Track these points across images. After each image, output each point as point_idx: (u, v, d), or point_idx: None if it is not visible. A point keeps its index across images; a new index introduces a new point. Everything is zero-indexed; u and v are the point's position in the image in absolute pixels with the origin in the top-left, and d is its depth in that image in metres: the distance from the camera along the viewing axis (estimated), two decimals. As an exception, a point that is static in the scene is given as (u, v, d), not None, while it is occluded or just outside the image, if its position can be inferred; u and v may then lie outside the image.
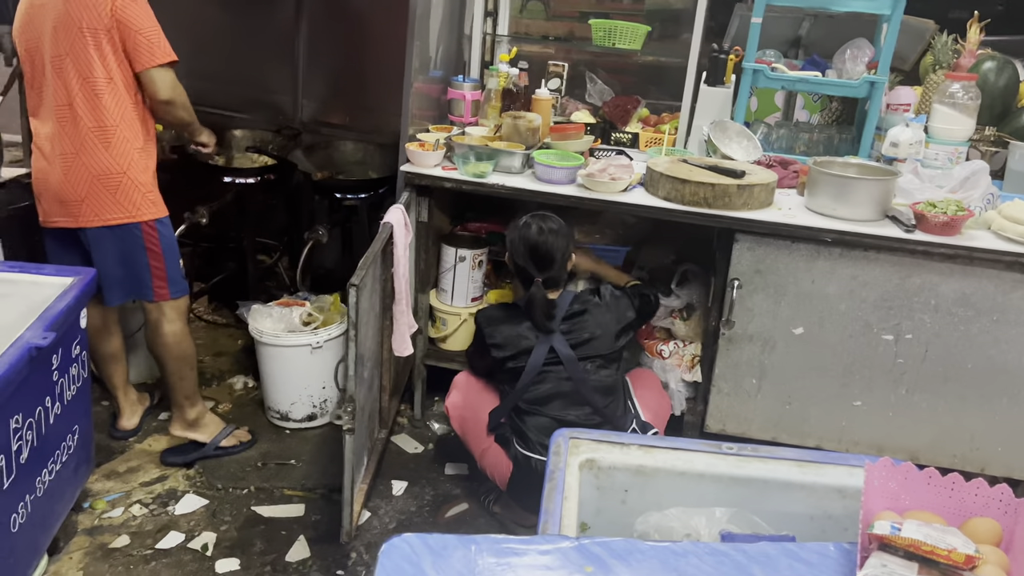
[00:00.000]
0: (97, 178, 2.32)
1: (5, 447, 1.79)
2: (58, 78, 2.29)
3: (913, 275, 2.33)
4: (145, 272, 2.46)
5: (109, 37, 2.24)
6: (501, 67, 2.96)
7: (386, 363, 2.65)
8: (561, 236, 2.36)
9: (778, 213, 2.42)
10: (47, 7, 2.26)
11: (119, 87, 2.30)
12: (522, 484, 2.30)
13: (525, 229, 2.36)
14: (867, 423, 2.50)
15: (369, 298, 2.25)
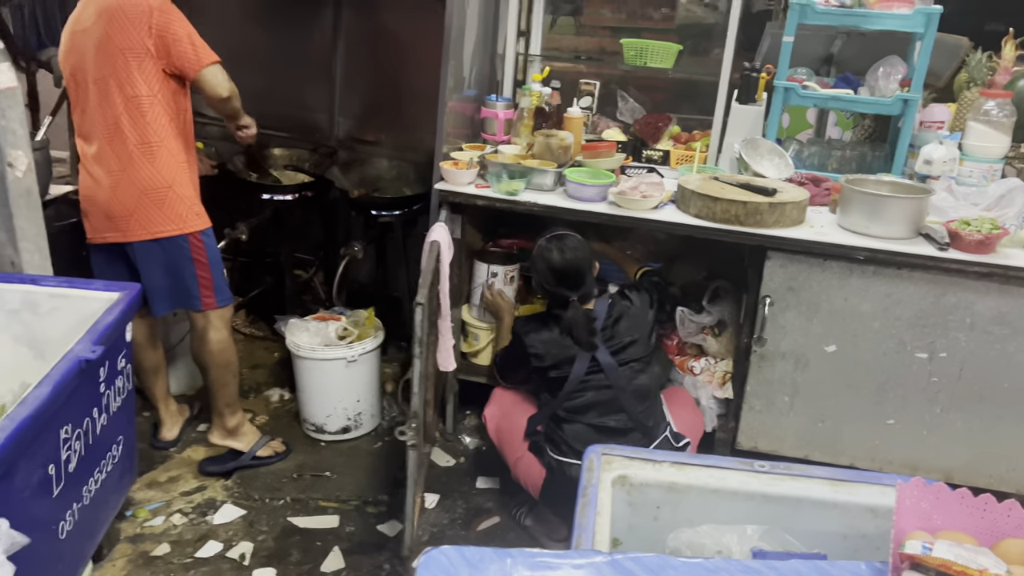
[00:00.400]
0: (144, 192, 2.41)
1: (55, 456, 1.86)
2: (103, 98, 2.38)
3: (948, 293, 2.32)
4: (192, 282, 2.53)
5: (150, 55, 2.32)
6: (534, 86, 3.00)
7: (430, 378, 2.69)
8: (581, 252, 2.39)
9: (810, 231, 2.42)
10: (89, 31, 2.35)
11: (161, 104, 2.39)
12: (555, 490, 2.32)
13: (547, 254, 2.38)
14: (901, 442, 2.49)
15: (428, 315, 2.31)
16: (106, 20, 2.30)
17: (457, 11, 2.64)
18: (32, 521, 1.74)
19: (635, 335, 2.39)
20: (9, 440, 1.60)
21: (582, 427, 2.33)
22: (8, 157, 2.23)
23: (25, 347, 2.24)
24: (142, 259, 2.49)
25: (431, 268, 2.34)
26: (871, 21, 2.65)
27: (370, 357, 2.90)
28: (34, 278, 2.28)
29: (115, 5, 2.30)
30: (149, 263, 2.49)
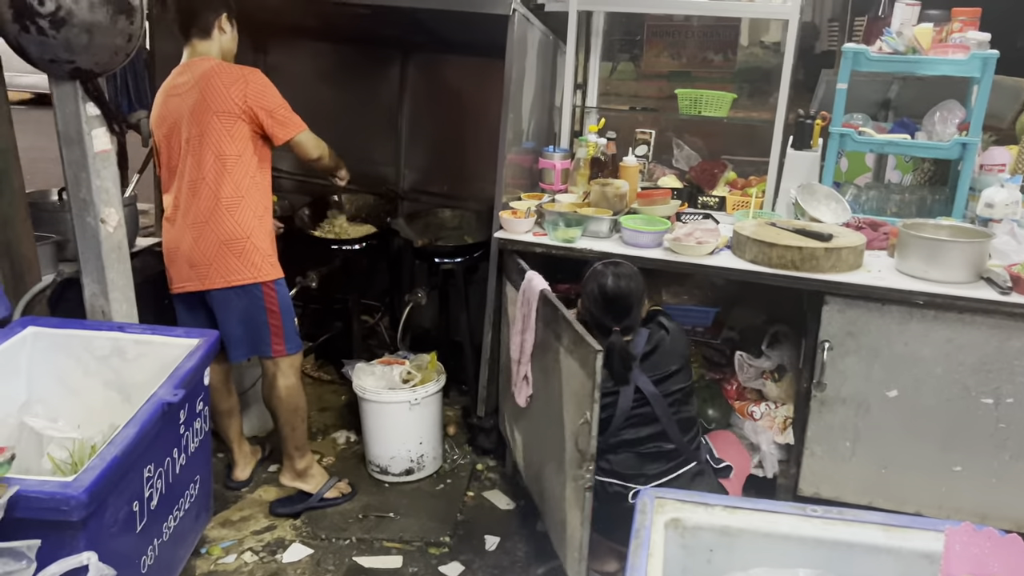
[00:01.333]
0: (224, 243, 2.57)
1: (139, 494, 1.98)
2: (193, 156, 2.57)
3: (1012, 338, 2.29)
4: (264, 330, 2.67)
5: (241, 120, 2.52)
6: (590, 137, 3.09)
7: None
8: (635, 282, 2.37)
9: (868, 275, 2.42)
10: (185, 96, 2.55)
11: (247, 163, 2.57)
12: (604, 515, 2.32)
13: (601, 278, 2.36)
14: (969, 489, 2.44)
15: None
16: (203, 86, 2.50)
17: (516, 66, 2.77)
18: (118, 555, 1.86)
19: (676, 364, 2.38)
20: (100, 478, 1.72)
21: (631, 455, 2.34)
22: (101, 214, 2.42)
23: (114, 391, 2.40)
24: (219, 306, 2.64)
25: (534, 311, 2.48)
26: (925, 67, 2.67)
27: (432, 400, 2.99)
28: (121, 326, 2.44)
29: (211, 72, 2.51)
30: (226, 310, 2.64)
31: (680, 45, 3.63)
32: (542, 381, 2.49)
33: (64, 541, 1.71)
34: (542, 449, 2.51)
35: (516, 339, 2.61)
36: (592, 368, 2.05)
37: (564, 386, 2.29)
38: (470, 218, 3.54)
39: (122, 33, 2.25)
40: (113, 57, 2.30)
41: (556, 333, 2.33)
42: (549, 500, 2.47)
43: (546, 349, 2.43)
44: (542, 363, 2.48)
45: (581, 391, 2.14)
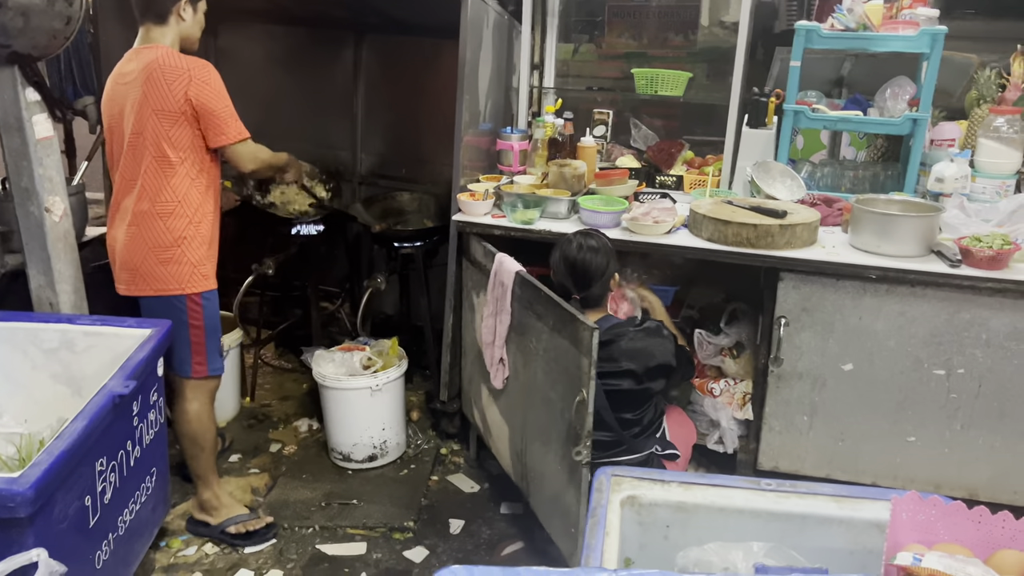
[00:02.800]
0: (152, 249, 2.39)
1: (91, 488, 1.94)
2: (132, 153, 2.39)
3: (962, 310, 2.33)
4: (184, 346, 2.49)
5: (183, 119, 2.33)
6: (547, 118, 3.08)
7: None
8: (601, 254, 2.33)
9: (822, 251, 2.45)
10: (129, 85, 2.37)
11: (187, 166, 2.38)
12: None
13: (566, 245, 2.36)
14: (922, 459, 2.49)
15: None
16: (144, 79, 2.30)
17: (471, 47, 2.74)
18: (69, 551, 1.82)
19: (632, 366, 2.27)
20: (48, 473, 1.68)
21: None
22: (45, 203, 2.35)
23: (63, 385, 2.34)
24: (146, 315, 2.47)
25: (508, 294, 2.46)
26: (876, 44, 2.69)
27: (394, 386, 2.97)
28: (70, 317, 2.38)
29: (155, 65, 2.29)
30: (151, 320, 2.45)
31: (641, 26, 3.61)
32: (521, 362, 2.48)
33: (12, 538, 1.67)
34: (524, 429, 2.51)
35: (489, 322, 2.60)
36: (587, 346, 2.05)
37: (551, 365, 2.29)
38: (429, 201, 3.52)
39: (60, 16, 2.18)
40: (51, 41, 2.23)
41: (538, 313, 2.33)
42: (536, 479, 2.48)
43: (525, 330, 2.42)
44: (520, 345, 2.47)
45: (574, 369, 2.14)
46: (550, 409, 2.30)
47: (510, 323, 2.50)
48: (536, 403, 2.40)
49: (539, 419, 2.39)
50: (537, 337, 2.35)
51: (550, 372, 2.29)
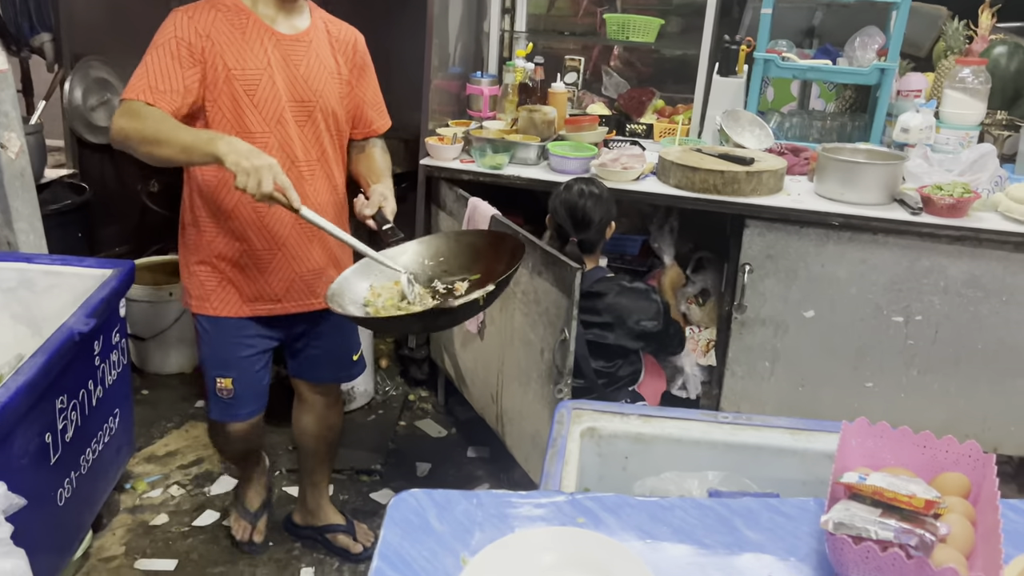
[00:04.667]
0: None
1: (51, 425, 1.93)
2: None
3: (922, 258, 2.37)
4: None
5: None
6: (518, 62, 3.05)
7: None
8: (602, 202, 2.31)
9: (787, 198, 2.47)
10: None
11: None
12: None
13: (567, 192, 2.33)
14: (879, 404, 2.55)
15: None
16: None
17: (440, -11, 2.69)
18: (30, 487, 1.80)
19: (613, 320, 2.28)
20: (5, 407, 1.67)
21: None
22: (1, 139, 2.29)
23: (23, 325, 2.31)
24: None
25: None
26: (847, -9, 2.68)
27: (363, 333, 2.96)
28: (29, 257, 2.34)
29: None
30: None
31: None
32: (497, 306, 2.49)
33: (-30, 472, 1.66)
34: (502, 371, 2.52)
35: None
36: (570, 286, 2.07)
37: (531, 307, 2.30)
38: (397, 147, 3.46)
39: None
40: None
41: None
42: (513, 419, 2.50)
43: None
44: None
45: (555, 310, 2.15)
46: (530, 350, 2.32)
47: None
48: (515, 345, 2.42)
49: (518, 360, 2.40)
50: (515, 280, 2.35)
51: (530, 314, 2.31)
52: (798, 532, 1.15)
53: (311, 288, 2.00)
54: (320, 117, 1.88)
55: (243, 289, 1.96)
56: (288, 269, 1.95)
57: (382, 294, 1.65)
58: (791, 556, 1.10)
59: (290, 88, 1.82)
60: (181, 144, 1.60)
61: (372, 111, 2.05)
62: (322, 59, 1.87)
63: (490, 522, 1.15)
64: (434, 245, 1.75)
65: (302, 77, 1.83)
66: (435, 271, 1.72)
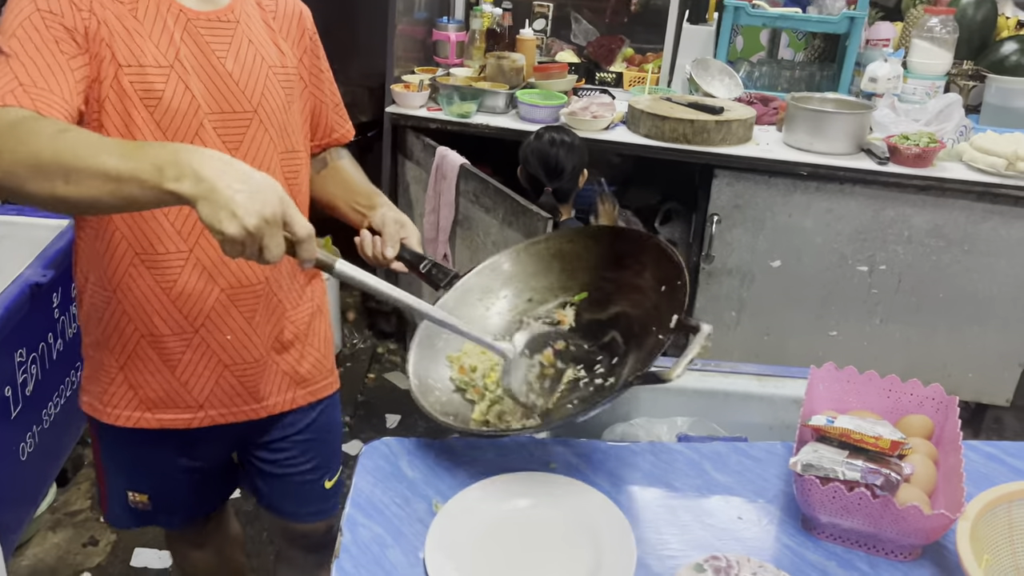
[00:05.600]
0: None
1: (10, 379, 1.88)
2: None
3: (887, 207, 2.40)
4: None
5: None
6: (485, 7, 2.98)
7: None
8: (574, 150, 2.28)
9: (756, 148, 2.47)
10: None
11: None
12: None
13: (537, 140, 2.30)
14: (843, 353, 2.59)
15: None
16: None
17: (404, -70, 2.60)
18: (-9, 440, 1.78)
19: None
20: (-39, 359, 1.62)
21: None
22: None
23: (-24, 276, 2.24)
24: None
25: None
26: (819, -62, 2.65)
27: (329, 285, 2.93)
28: (-19, 206, 2.26)
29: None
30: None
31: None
32: (467, 257, 2.47)
33: (-74, 426, 1.62)
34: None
35: (430, 218, 2.57)
36: (541, 235, 2.03)
37: None
38: (362, 95, 3.40)
39: None
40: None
41: (486, 206, 2.30)
42: None
43: (471, 224, 2.40)
44: (467, 239, 2.45)
45: None
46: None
47: (454, 218, 2.47)
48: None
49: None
50: (485, 231, 2.33)
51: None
52: (766, 475, 1.17)
53: (252, 389, 1.30)
54: (262, 134, 1.19)
55: (143, 390, 1.25)
56: (212, 362, 1.25)
57: (477, 367, 1.23)
58: (759, 498, 1.12)
59: (212, 93, 1.13)
60: (106, 171, 0.87)
61: (333, 113, 1.38)
62: (258, 46, 1.18)
63: (462, 468, 1.15)
64: (501, 270, 1.28)
65: (229, 75, 1.15)
66: (516, 305, 1.26)
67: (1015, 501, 0.99)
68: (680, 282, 1.08)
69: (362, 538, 1.02)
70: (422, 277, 1.26)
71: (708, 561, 0.98)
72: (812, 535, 1.06)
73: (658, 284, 1.11)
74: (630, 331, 1.14)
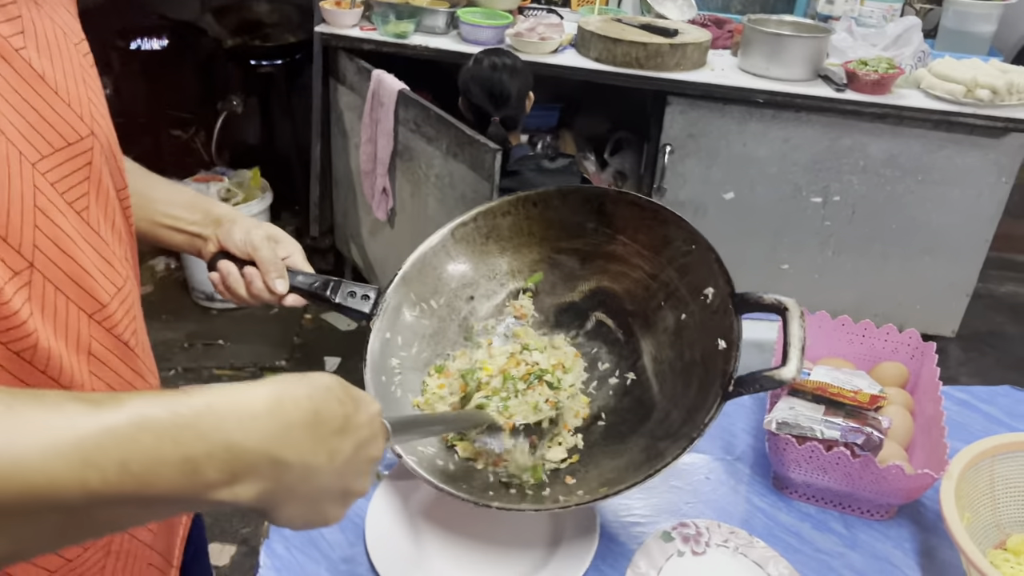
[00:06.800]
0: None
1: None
2: None
3: (843, 136, 2.32)
4: None
5: None
6: (422, -82, 2.74)
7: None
8: (518, 73, 2.09)
9: (711, 74, 2.35)
10: None
11: None
12: None
13: (477, 67, 2.10)
14: (795, 286, 2.54)
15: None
16: None
17: None
18: None
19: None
20: None
21: None
22: None
23: None
24: None
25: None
26: None
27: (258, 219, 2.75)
28: None
29: None
30: None
31: None
32: (408, 191, 2.31)
33: None
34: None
35: (367, 149, 2.38)
36: (489, 169, 1.90)
37: (446, 192, 2.12)
38: (291, 12, 3.13)
39: None
40: None
41: (428, 136, 2.13)
42: None
43: (412, 156, 2.23)
44: (407, 172, 2.28)
45: (472, 195, 1.99)
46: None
47: (393, 148, 2.30)
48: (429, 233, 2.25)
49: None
50: (428, 163, 2.17)
51: (445, 200, 2.14)
52: (734, 429, 1.09)
53: None
54: (102, 173, 0.66)
55: None
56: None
57: (443, 394, 0.93)
58: (727, 455, 1.04)
59: (28, 118, 0.57)
60: (79, 490, 0.42)
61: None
62: (61, 28, 0.64)
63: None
64: (432, 270, 1.01)
65: (42, 78, 0.59)
66: (455, 310, 1.00)
67: (998, 455, 0.93)
68: (696, 245, 0.91)
69: (293, 515, 0.91)
70: (337, 308, 0.95)
71: (676, 529, 0.90)
72: (784, 494, 0.99)
73: (648, 248, 0.93)
74: (618, 310, 0.94)
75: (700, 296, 0.88)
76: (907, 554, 0.92)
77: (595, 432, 0.89)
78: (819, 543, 0.93)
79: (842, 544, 0.93)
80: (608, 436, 0.87)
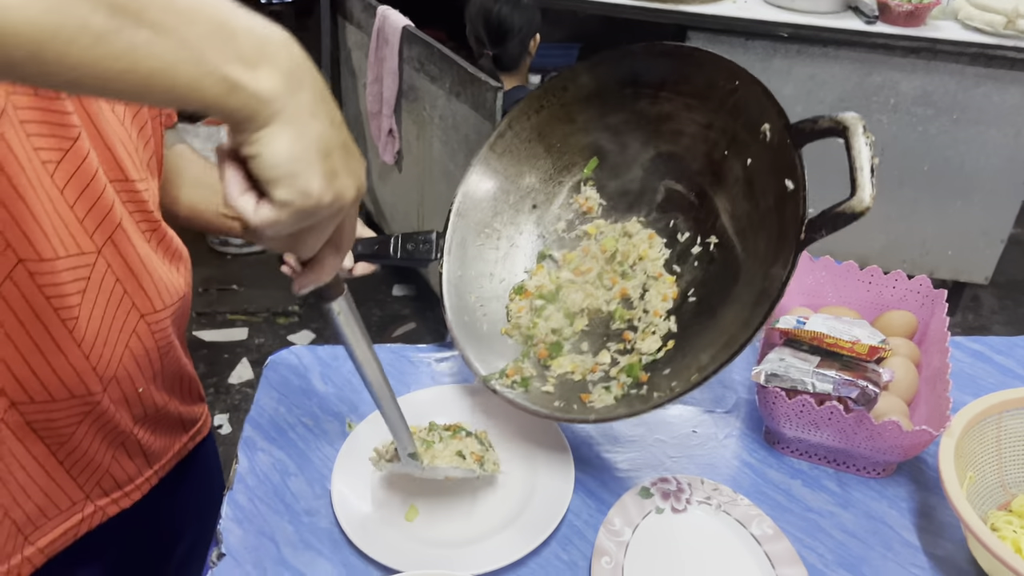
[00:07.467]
0: None
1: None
2: None
3: (873, 73, 2.19)
4: None
5: None
6: None
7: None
8: (521, 8, 2.02)
9: (733, 6, 2.23)
10: None
11: None
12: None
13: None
14: (817, 231, 2.45)
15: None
16: None
17: None
18: None
19: None
20: None
21: None
22: None
23: None
24: None
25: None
26: None
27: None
28: None
29: None
30: None
31: None
32: (414, 133, 2.25)
33: None
34: (423, 204, 2.33)
35: (373, 88, 2.32)
36: (490, 109, 1.83)
37: (449, 134, 2.06)
38: (300, -50, 3.05)
39: None
40: None
41: (432, 75, 2.06)
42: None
43: (417, 96, 2.16)
44: (413, 112, 2.22)
45: (475, 137, 1.93)
46: (451, 182, 2.11)
47: (398, 88, 2.23)
48: (434, 177, 2.21)
49: (439, 194, 2.21)
50: (432, 103, 2.11)
51: (448, 142, 2.08)
52: (725, 380, 1.04)
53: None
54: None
55: None
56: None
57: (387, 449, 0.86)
58: (717, 407, 0.99)
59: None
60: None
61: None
62: None
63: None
64: (480, 195, 1.00)
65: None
66: (523, 221, 0.99)
67: (1006, 412, 0.86)
68: (739, 80, 0.86)
69: (261, 465, 0.89)
70: (400, 262, 0.94)
71: (656, 484, 0.86)
72: (775, 450, 0.94)
73: (694, 97, 0.88)
74: (684, 172, 0.89)
75: (759, 135, 0.83)
76: (903, 514, 0.87)
77: (687, 311, 0.86)
78: (809, 501, 0.88)
79: (833, 503, 0.88)
80: (700, 312, 0.85)
